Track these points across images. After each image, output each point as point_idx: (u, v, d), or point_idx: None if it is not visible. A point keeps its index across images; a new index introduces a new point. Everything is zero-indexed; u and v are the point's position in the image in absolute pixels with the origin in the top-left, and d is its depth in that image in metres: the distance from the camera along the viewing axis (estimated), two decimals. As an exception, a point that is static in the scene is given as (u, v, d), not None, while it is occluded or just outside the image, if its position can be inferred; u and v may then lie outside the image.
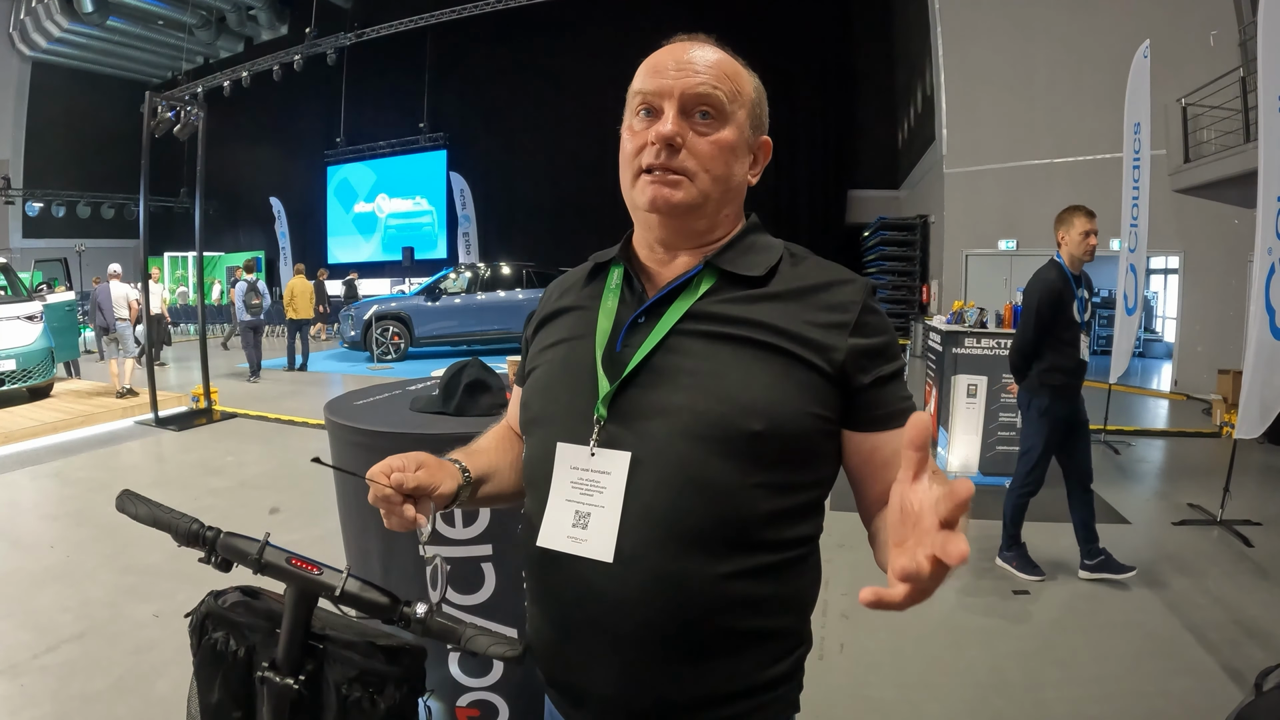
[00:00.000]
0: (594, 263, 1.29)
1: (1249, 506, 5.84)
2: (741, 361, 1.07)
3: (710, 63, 1.12)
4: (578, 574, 1.08)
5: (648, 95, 1.12)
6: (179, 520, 1.31)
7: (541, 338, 1.28)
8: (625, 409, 1.09)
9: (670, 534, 1.04)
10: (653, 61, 1.14)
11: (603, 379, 1.11)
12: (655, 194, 1.11)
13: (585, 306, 1.23)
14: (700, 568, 1.04)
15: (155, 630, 3.96)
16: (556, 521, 1.11)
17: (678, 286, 1.15)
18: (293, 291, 14.09)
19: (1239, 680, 3.43)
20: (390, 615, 1.24)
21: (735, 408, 1.04)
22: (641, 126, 1.14)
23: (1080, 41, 13.32)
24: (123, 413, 9.42)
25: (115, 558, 4.92)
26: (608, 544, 1.06)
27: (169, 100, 9.53)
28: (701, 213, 1.14)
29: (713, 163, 1.11)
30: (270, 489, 6.49)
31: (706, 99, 1.10)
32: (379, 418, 2.21)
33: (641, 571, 1.05)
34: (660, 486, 1.05)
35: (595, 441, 1.09)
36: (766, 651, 1.12)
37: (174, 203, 28.59)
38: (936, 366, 6.82)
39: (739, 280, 1.13)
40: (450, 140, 25.97)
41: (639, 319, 1.15)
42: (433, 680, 2.20)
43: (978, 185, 14.77)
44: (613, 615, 1.07)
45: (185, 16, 25.62)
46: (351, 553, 2.30)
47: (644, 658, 1.07)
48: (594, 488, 1.08)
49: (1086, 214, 4.50)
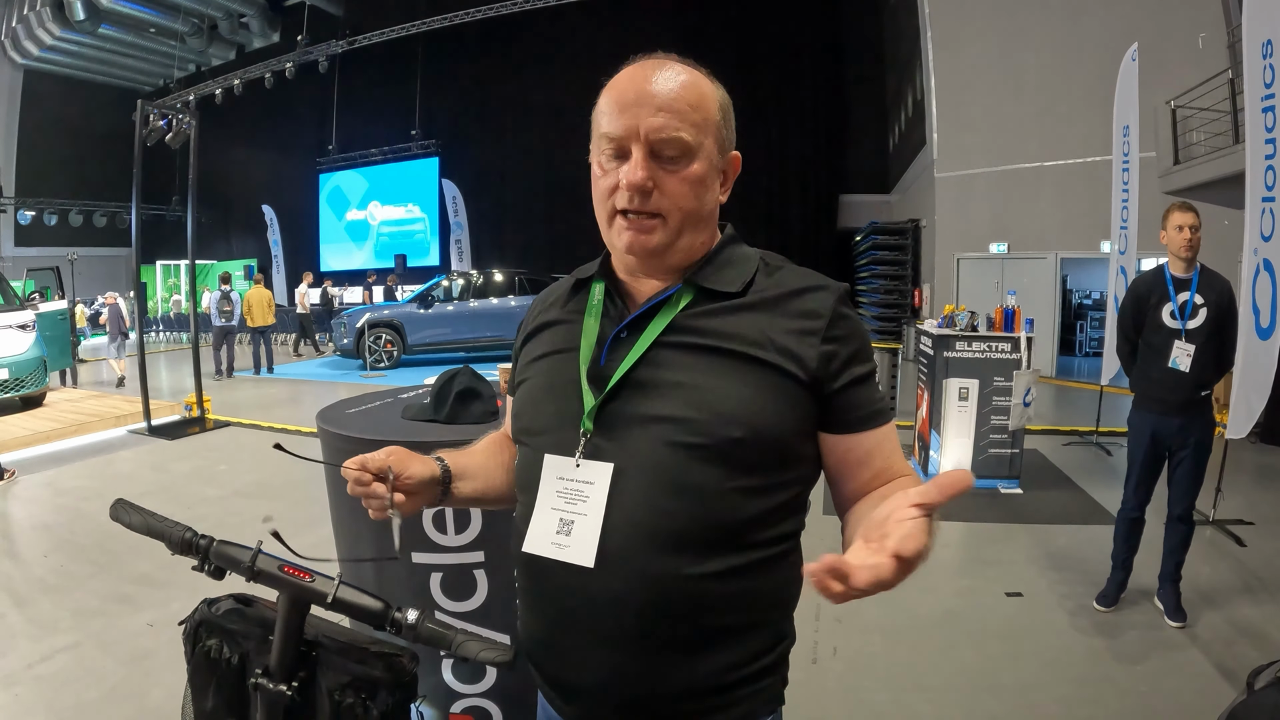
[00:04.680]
0: (576, 278, 1.33)
1: (1241, 506, 5.87)
2: (721, 372, 1.11)
3: (673, 95, 1.12)
4: (562, 577, 1.13)
5: (615, 138, 1.13)
6: (172, 529, 1.32)
7: (529, 350, 1.33)
8: (609, 421, 1.14)
9: (653, 538, 1.08)
10: (616, 94, 1.15)
11: (587, 393, 1.16)
12: (632, 240, 1.14)
13: (569, 321, 1.28)
14: (683, 568, 1.08)
15: (149, 639, 3.95)
16: (542, 528, 1.16)
17: (659, 302, 1.19)
18: (249, 302, 14.89)
19: (1232, 679, 3.44)
20: (382, 621, 1.25)
21: (716, 417, 1.08)
22: (611, 166, 1.15)
23: (1069, 45, 13.39)
24: (115, 422, 9.40)
25: (109, 567, 4.91)
26: (589, 550, 1.10)
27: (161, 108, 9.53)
28: (676, 247, 1.17)
29: (685, 199, 1.14)
30: (263, 498, 6.48)
31: (671, 143, 1.11)
32: (371, 425, 2.22)
33: (624, 574, 1.09)
34: (643, 493, 1.09)
35: (580, 453, 1.14)
36: (751, 646, 1.16)
37: (166, 210, 28.59)
38: (928, 370, 6.84)
39: (716, 294, 1.17)
40: (442, 148, 25.95)
41: (621, 334, 1.19)
42: (426, 686, 2.21)
43: (968, 189, 14.83)
44: (596, 615, 1.12)
45: (177, 24, 25.61)
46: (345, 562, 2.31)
47: (629, 654, 1.12)
48: (578, 497, 1.13)
49: (1180, 207, 4.06)
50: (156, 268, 28.05)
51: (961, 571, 4.91)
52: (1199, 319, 4.01)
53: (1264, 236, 5.28)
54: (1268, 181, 5.31)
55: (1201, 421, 4.04)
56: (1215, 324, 4.01)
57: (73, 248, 24.69)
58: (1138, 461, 4.19)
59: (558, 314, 1.31)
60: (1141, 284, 4.25)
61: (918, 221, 17.48)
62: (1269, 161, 5.31)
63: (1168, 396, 4.06)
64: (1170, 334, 4.06)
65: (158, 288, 28.34)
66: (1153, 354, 4.13)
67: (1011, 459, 6.53)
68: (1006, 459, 6.52)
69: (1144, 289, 4.20)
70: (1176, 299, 4.06)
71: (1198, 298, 4.02)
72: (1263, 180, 5.31)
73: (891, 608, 4.27)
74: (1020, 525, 5.70)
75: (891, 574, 0.81)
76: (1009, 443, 6.50)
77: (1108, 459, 7.69)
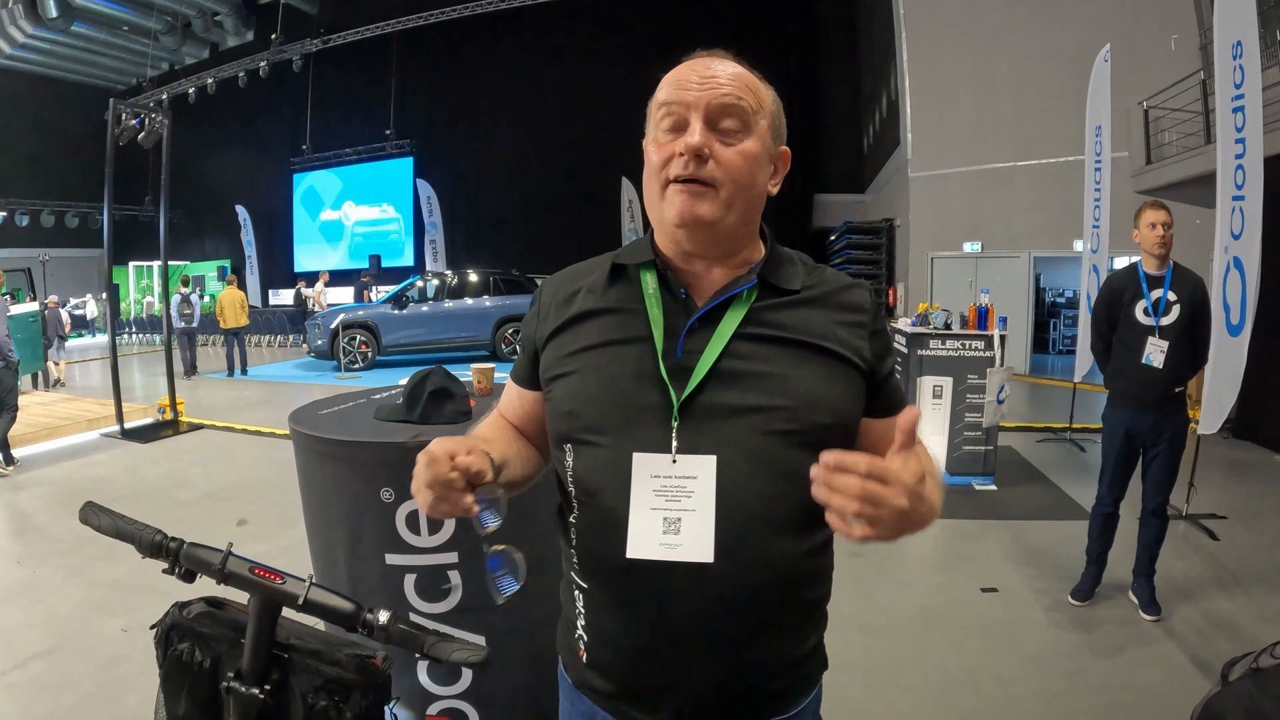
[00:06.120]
0: (611, 263, 1.28)
1: (1214, 501, 5.96)
2: (800, 363, 1.16)
3: (731, 75, 1.16)
4: (673, 579, 1.11)
5: (673, 107, 1.15)
6: (142, 531, 1.31)
7: (565, 341, 1.25)
8: (697, 414, 1.13)
9: (765, 523, 1.12)
10: (675, 75, 1.17)
11: (670, 385, 1.14)
12: (683, 205, 1.13)
13: (624, 310, 1.23)
14: (787, 549, 1.14)
15: (123, 645, 3.92)
16: (645, 530, 1.12)
17: (731, 296, 1.19)
18: (221, 303, 14.81)
19: (1206, 671, 3.48)
20: (353, 623, 1.25)
21: (804, 404, 1.13)
22: (667, 139, 1.16)
23: (1042, 47, 13.50)
24: (88, 425, 9.30)
25: (82, 572, 4.86)
26: (706, 545, 1.09)
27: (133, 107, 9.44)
28: (724, 224, 1.16)
29: (739, 173, 1.15)
30: (237, 500, 6.44)
31: (732, 110, 1.14)
32: (343, 427, 2.21)
33: (745, 562, 1.11)
34: (749, 481, 1.11)
35: (676, 448, 1.12)
36: (822, 615, 1.27)
37: (139, 211, 28.28)
38: (903, 368, 6.88)
39: (779, 290, 1.21)
40: (417, 148, 25.83)
41: (692, 325, 1.18)
42: (401, 689, 2.20)
43: (942, 189, 14.94)
44: (712, 612, 1.12)
45: (150, 22, 25.30)
46: (318, 564, 2.30)
47: (742, 642, 1.15)
48: (680, 493, 1.11)
49: (1152, 205, 4.12)
50: (129, 269, 27.79)
51: (937, 568, 4.94)
52: (1172, 315, 4.05)
53: (1234, 235, 5.36)
54: (1237, 181, 5.39)
55: (1175, 418, 4.08)
56: (1188, 320, 4.04)
57: (44, 249, 24.45)
58: (1112, 457, 4.24)
59: (600, 302, 1.25)
60: (1115, 281, 4.29)
61: (892, 221, 17.58)
62: (1239, 161, 5.39)
63: (1142, 393, 4.10)
64: (1144, 331, 4.10)
65: (130, 289, 28.08)
66: (1127, 351, 4.16)
67: (986, 456, 6.59)
68: (981, 456, 6.58)
69: (1118, 286, 4.24)
70: (1150, 296, 4.10)
71: (1171, 294, 4.06)
72: (1233, 179, 5.40)
73: (868, 605, 4.31)
74: (995, 521, 5.74)
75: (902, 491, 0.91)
76: (983, 440, 6.56)
77: (1081, 455, 7.77)
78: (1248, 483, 6.86)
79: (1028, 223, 13.90)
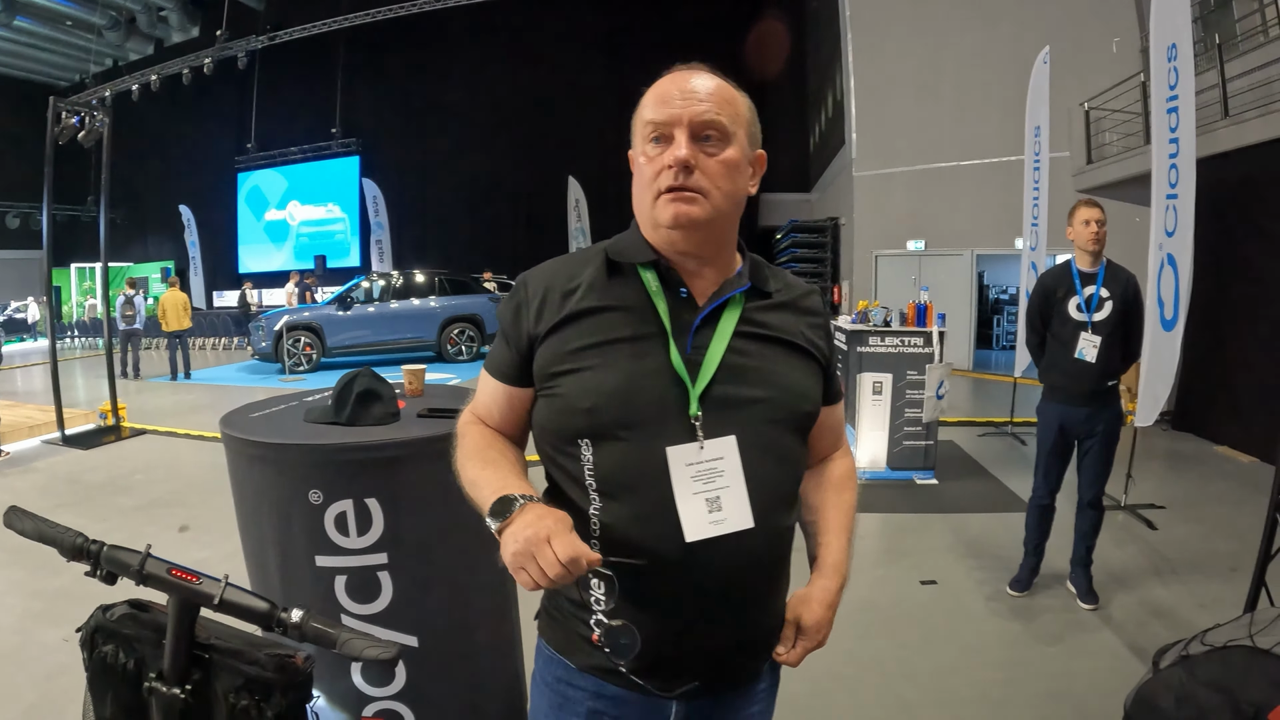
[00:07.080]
0: (605, 259, 1.33)
1: (1153, 491, 6.12)
2: (785, 359, 1.34)
3: (711, 90, 1.26)
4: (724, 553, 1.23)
5: (659, 124, 1.25)
6: (63, 535, 1.33)
7: (571, 336, 1.28)
8: (711, 405, 1.25)
9: (774, 497, 1.29)
10: (658, 91, 1.27)
11: (688, 380, 1.25)
12: (676, 210, 1.24)
13: (629, 307, 1.29)
14: (783, 519, 1.32)
15: (65, 655, 3.86)
16: (695, 515, 1.22)
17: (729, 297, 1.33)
18: (163, 305, 14.51)
19: (1143, 658, 3.53)
20: (268, 622, 1.28)
21: (793, 395, 1.33)
22: (655, 153, 1.26)
23: (986, 49, 13.77)
24: (29, 432, 9.09)
25: (23, 583, 4.76)
26: (745, 513, 1.24)
27: (73, 106, 9.27)
28: (714, 224, 1.28)
29: (722, 180, 1.26)
30: (180, 506, 6.36)
31: (713, 125, 1.25)
32: (273, 429, 2.21)
33: (771, 525, 1.28)
34: (759, 462, 1.26)
35: (702, 435, 1.24)
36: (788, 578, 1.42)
37: (81, 211, 27.62)
38: (843, 365, 6.97)
39: (761, 293, 1.37)
40: (363, 147, 25.53)
41: (697, 323, 1.30)
42: (336, 690, 2.22)
43: (887, 188, 15.15)
44: (751, 572, 1.28)
45: (94, 17, 24.72)
46: (251, 567, 2.31)
47: (760, 598, 1.33)
48: (713, 474, 1.23)
49: (1086, 203, 4.22)
50: (71, 271, 27.21)
51: (877, 562, 5.01)
52: (1105, 311, 4.14)
53: (1168, 232, 5.51)
54: (1171, 180, 5.54)
55: (1108, 411, 4.18)
56: (1120, 316, 4.14)
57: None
58: (1046, 450, 4.35)
59: (602, 299, 1.29)
60: (1049, 278, 4.37)
61: (837, 219, 17.79)
62: (1172, 160, 5.54)
63: (1075, 387, 4.19)
64: (1077, 326, 4.18)
65: (73, 291, 27.50)
66: (1060, 346, 4.25)
67: (926, 450, 6.71)
68: (921, 450, 6.70)
69: (1051, 283, 4.33)
70: (1083, 292, 4.19)
71: (1103, 291, 4.15)
72: (1166, 178, 5.55)
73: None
74: (935, 515, 5.84)
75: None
76: (923, 435, 6.68)
77: (1021, 448, 7.93)
78: (1187, 473, 7.06)
79: (970, 221, 14.15)
